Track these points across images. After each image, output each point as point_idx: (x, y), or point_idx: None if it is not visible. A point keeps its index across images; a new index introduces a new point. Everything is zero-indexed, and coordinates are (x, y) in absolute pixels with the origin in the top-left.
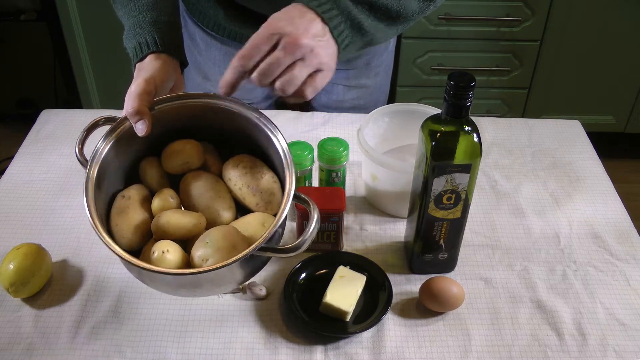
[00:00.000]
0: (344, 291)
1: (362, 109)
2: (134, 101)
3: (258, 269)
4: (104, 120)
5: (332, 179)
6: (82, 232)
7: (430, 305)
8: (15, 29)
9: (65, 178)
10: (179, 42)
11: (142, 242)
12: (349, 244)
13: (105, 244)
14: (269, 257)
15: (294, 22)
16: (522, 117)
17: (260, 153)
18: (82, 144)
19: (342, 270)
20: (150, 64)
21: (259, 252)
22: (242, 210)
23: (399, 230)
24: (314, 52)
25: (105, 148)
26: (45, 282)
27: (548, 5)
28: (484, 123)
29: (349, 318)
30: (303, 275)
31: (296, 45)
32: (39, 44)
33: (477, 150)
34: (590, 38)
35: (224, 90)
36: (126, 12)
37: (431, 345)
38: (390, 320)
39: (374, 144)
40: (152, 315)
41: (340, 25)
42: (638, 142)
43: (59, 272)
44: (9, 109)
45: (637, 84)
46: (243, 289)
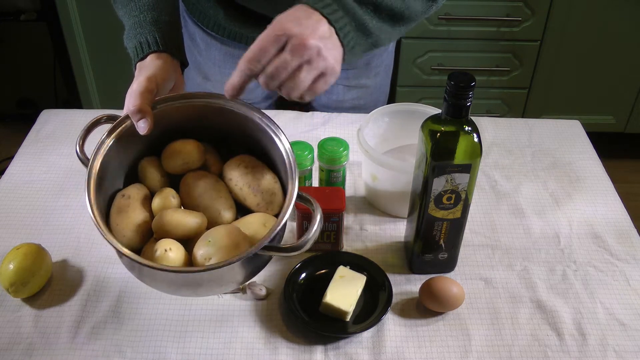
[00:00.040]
0: (344, 291)
1: (362, 109)
2: (136, 99)
3: (259, 268)
4: (106, 118)
5: (332, 179)
6: (82, 232)
7: (430, 305)
8: (15, 29)
9: (65, 178)
10: (179, 42)
11: (142, 242)
12: (349, 244)
13: (108, 241)
14: (271, 256)
15: (301, 23)
16: (522, 117)
17: (260, 153)
18: (82, 141)
19: (342, 270)
20: (152, 63)
21: (262, 251)
22: (242, 211)
23: (399, 230)
24: (320, 54)
25: (106, 147)
26: (45, 282)
27: (548, 5)
28: (484, 123)
29: (349, 318)
30: (303, 275)
31: (304, 46)
32: (39, 44)
33: (477, 150)
34: (590, 38)
35: (230, 93)
36: (127, 12)
37: (431, 345)
38: (390, 320)
39: (374, 144)
40: (152, 315)
41: (346, 26)
42: (638, 142)
43: (59, 272)
44: (9, 109)
45: (637, 84)
46: (243, 289)
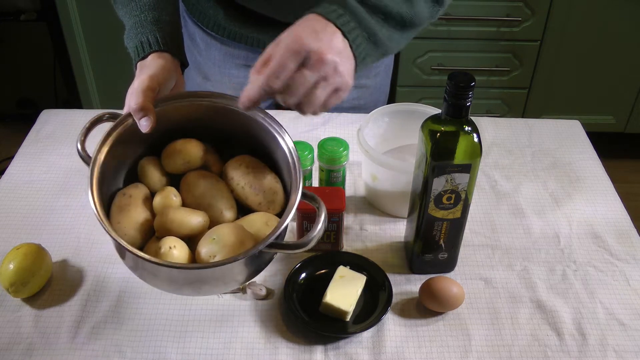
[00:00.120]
0: (344, 291)
1: (362, 109)
2: (138, 97)
3: (262, 268)
4: (108, 116)
5: (332, 179)
6: (82, 232)
7: (430, 305)
8: (15, 29)
9: (65, 178)
10: (179, 42)
11: (143, 240)
12: (349, 244)
13: (112, 237)
14: (273, 256)
15: (319, 37)
16: (522, 117)
17: (262, 153)
18: (84, 139)
19: (342, 270)
20: (153, 62)
21: (268, 249)
22: (242, 211)
23: (399, 230)
24: (337, 70)
25: (107, 145)
26: (45, 282)
27: (548, 5)
28: (484, 123)
29: (349, 318)
30: (303, 275)
31: (322, 62)
32: (39, 44)
33: (477, 150)
34: (590, 38)
35: (247, 105)
36: (127, 12)
37: (431, 345)
38: (390, 320)
39: (374, 144)
40: (152, 315)
41: (358, 37)
42: (638, 142)
43: (59, 272)
44: (9, 109)
45: (637, 84)
46: (243, 289)
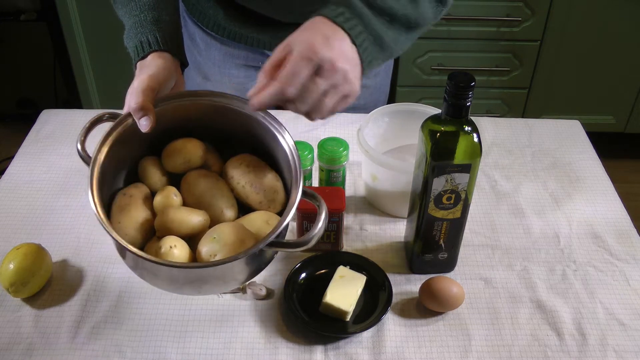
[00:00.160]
0: (344, 291)
1: (362, 109)
2: (138, 97)
3: (262, 267)
4: (108, 116)
5: (332, 179)
6: (82, 232)
7: (430, 305)
8: (15, 29)
9: (65, 178)
10: (179, 41)
11: (144, 240)
12: (349, 244)
13: (112, 236)
14: (273, 255)
15: (330, 44)
16: (522, 117)
17: (262, 152)
18: (84, 139)
19: (342, 270)
20: (153, 62)
21: (268, 247)
22: (243, 210)
23: (399, 230)
24: (347, 78)
25: (107, 145)
26: (45, 282)
27: (548, 5)
28: (484, 123)
29: (349, 318)
30: (303, 275)
31: (334, 71)
32: (39, 44)
33: (477, 150)
34: (590, 38)
35: (256, 108)
36: (127, 12)
37: (431, 345)
38: (390, 320)
39: (374, 144)
40: (152, 315)
41: (365, 41)
42: (638, 142)
43: (59, 272)
44: (9, 109)
45: (637, 84)
46: (243, 289)
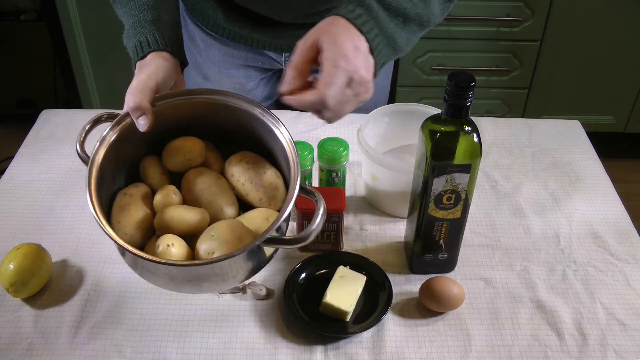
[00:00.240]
0: (344, 291)
1: (362, 109)
2: (136, 96)
3: (262, 265)
4: (106, 116)
5: (332, 179)
6: (82, 232)
7: (430, 305)
8: (15, 29)
9: (65, 178)
10: (179, 41)
11: (144, 239)
12: (349, 244)
13: (110, 237)
14: (273, 254)
15: (359, 55)
16: (522, 117)
17: (263, 149)
18: (83, 140)
19: (342, 270)
20: (152, 61)
21: (266, 243)
22: (244, 208)
23: (399, 230)
24: (367, 87)
25: (106, 145)
26: (45, 282)
27: (548, 5)
28: (484, 123)
29: (349, 318)
30: (303, 275)
31: (362, 84)
32: (39, 44)
33: (477, 150)
34: (590, 38)
35: (292, 105)
36: (126, 12)
37: (431, 345)
38: (390, 320)
39: (374, 144)
40: (152, 315)
41: (380, 44)
42: (638, 142)
43: (59, 272)
44: (9, 109)
45: (637, 84)
46: (243, 289)
